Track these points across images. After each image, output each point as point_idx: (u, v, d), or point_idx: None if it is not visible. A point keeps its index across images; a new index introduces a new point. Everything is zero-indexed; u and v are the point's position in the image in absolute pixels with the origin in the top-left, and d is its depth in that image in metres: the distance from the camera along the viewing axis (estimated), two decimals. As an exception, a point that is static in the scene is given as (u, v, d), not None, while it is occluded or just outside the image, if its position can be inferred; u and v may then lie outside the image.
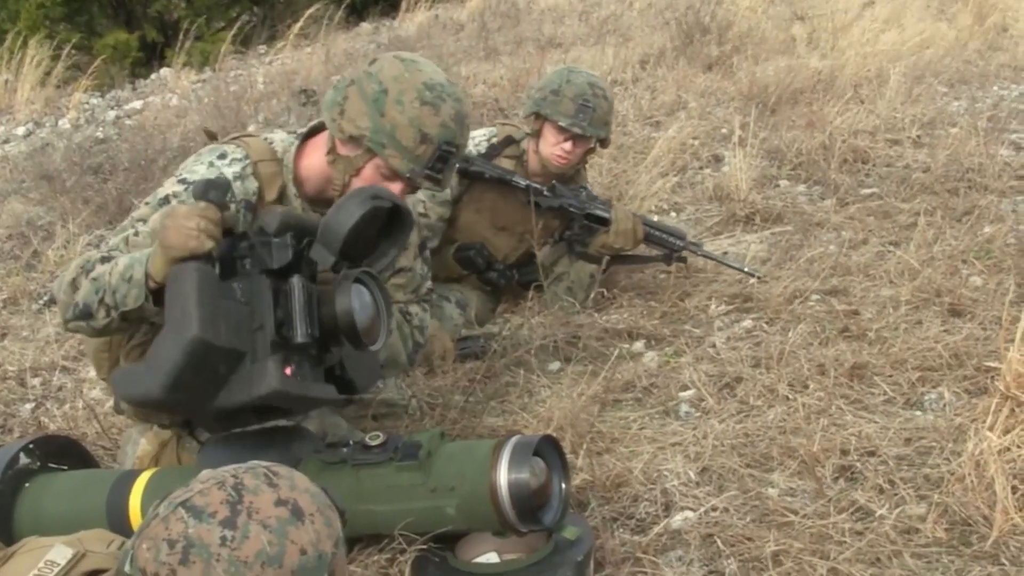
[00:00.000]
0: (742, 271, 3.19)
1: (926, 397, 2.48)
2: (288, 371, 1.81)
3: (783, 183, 4.20)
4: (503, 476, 1.82)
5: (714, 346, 2.84)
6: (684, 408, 2.55)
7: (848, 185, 4.07)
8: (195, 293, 1.74)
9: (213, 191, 1.85)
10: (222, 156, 2.13)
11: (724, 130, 4.79)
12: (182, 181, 2.10)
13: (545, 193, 3.09)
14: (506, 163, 3.11)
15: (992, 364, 2.44)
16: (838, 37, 6.33)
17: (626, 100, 5.30)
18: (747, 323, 2.98)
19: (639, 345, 2.92)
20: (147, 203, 2.11)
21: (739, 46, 6.15)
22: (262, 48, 8.22)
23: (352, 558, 1.99)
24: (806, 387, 2.55)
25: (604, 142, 3.16)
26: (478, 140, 3.12)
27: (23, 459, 2.14)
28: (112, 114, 6.56)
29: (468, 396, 2.62)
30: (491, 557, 1.96)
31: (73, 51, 7.28)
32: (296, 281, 1.86)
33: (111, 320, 1.96)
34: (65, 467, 2.20)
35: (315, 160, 2.16)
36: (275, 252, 1.86)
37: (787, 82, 5.21)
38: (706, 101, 5.29)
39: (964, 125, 4.56)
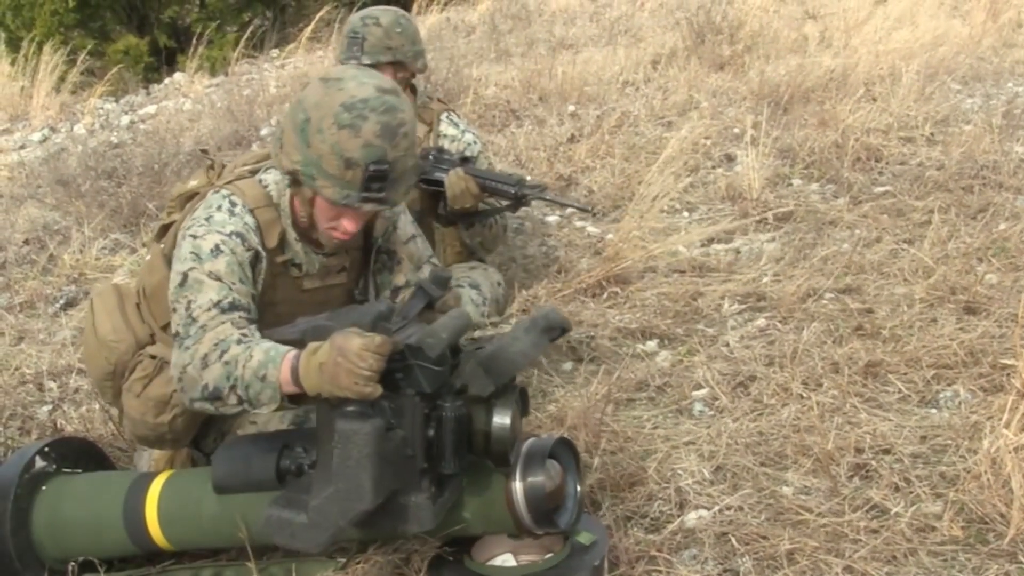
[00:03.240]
0: (576, 207, 3.23)
1: (941, 395, 2.47)
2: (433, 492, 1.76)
3: (796, 182, 4.19)
4: (518, 480, 1.83)
5: (727, 345, 2.84)
6: (698, 407, 2.54)
7: (861, 183, 4.06)
8: (370, 465, 1.63)
9: (382, 323, 1.76)
10: (232, 204, 2.04)
11: (736, 129, 4.77)
12: (220, 232, 2.00)
13: None
14: None
15: (1008, 361, 2.43)
16: (850, 35, 6.31)
17: (638, 100, 5.29)
18: (760, 322, 2.97)
19: (652, 344, 2.92)
20: (195, 254, 1.98)
21: (751, 45, 6.14)
22: (274, 52, 8.25)
23: (368, 557, 2.00)
24: (820, 385, 2.54)
25: (405, 66, 3.13)
26: None
27: (39, 462, 2.15)
28: (126, 119, 6.59)
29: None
30: (507, 559, 1.96)
31: (87, 57, 7.32)
32: (451, 412, 1.75)
33: (243, 408, 1.91)
34: (80, 470, 2.22)
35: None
36: (432, 379, 1.75)
37: (799, 81, 5.19)
38: (718, 101, 5.28)
39: (978, 122, 4.53)
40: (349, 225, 2.01)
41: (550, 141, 4.74)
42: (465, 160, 3.14)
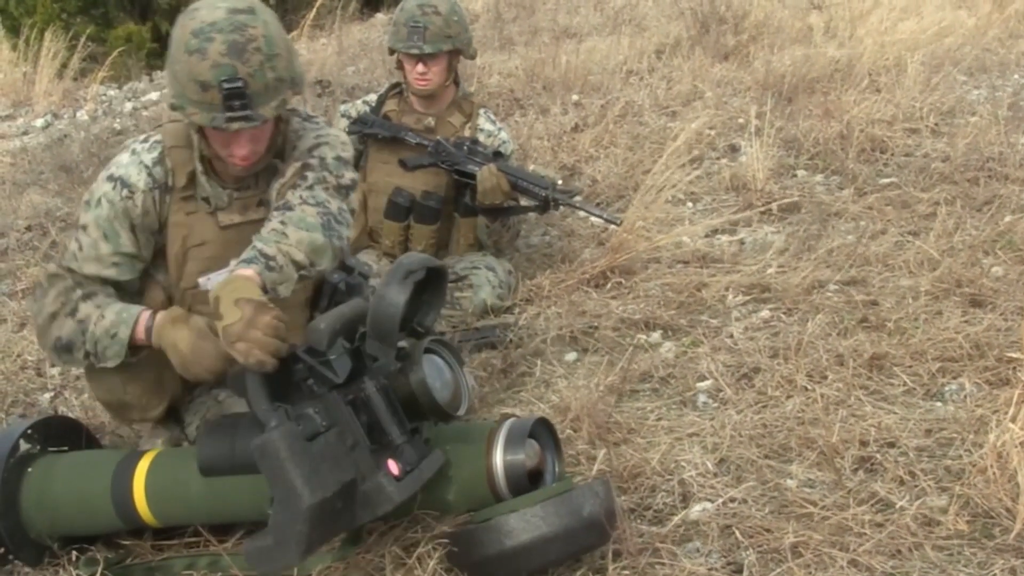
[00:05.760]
0: (604, 218, 3.23)
1: (946, 388, 2.46)
2: (397, 471, 1.78)
3: (800, 173, 4.17)
4: (499, 458, 1.90)
5: (732, 336, 2.83)
6: (702, 399, 2.53)
7: (866, 175, 4.04)
8: (290, 464, 1.68)
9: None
10: (145, 140, 2.15)
11: (741, 120, 4.75)
12: (110, 178, 2.11)
13: (429, 149, 3.17)
14: (391, 104, 3.29)
15: (1014, 355, 2.42)
16: (855, 26, 6.26)
17: (642, 90, 5.27)
18: (765, 313, 2.96)
19: (656, 335, 2.91)
20: (87, 202, 2.12)
21: (755, 35, 6.11)
22: (277, 39, 8.20)
23: (368, 547, 1.99)
24: (825, 378, 2.53)
25: (461, 54, 3.23)
26: (371, 97, 3.36)
27: (23, 445, 2.17)
28: (129, 105, 6.57)
29: (483, 386, 2.62)
30: None
31: (89, 43, 7.29)
32: (371, 388, 1.82)
33: (89, 363, 2.10)
34: (66, 447, 2.24)
35: None
36: (337, 367, 1.81)
37: (804, 71, 5.16)
38: (722, 91, 5.25)
39: (984, 113, 4.51)
40: (238, 150, 2.03)
41: (554, 130, 4.73)
42: (498, 155, 3.15)
